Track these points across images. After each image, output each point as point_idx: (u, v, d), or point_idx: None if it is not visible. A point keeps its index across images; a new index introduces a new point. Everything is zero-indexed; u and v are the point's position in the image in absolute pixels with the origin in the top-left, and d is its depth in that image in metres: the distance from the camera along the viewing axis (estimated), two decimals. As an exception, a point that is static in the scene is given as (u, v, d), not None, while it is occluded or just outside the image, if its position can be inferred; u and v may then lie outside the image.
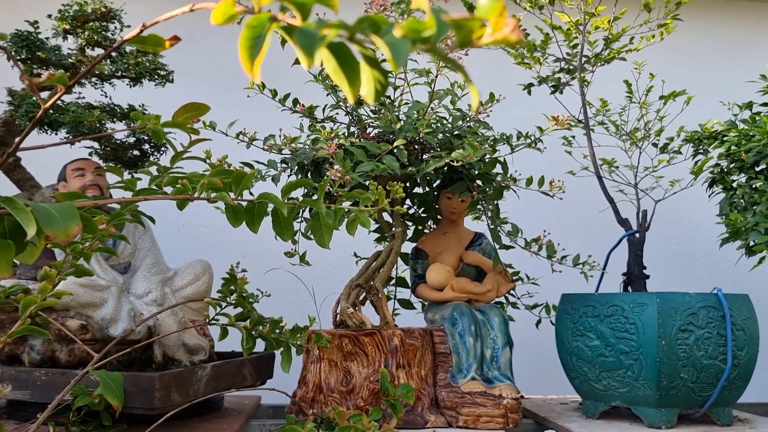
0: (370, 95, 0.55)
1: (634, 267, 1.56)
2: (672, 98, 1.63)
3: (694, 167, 1.67)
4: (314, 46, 0.48)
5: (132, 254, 1.48)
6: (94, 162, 1.48)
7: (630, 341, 1.35)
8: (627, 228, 1.61)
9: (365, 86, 0.55)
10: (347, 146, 1.33)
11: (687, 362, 1.32)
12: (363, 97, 0.56)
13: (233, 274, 1.59)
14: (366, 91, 0.55)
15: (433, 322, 1.55)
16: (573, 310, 1.47)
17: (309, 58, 0.46)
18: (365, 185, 1.34)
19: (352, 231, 1.21)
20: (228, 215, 1.07)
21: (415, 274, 1.62)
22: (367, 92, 0.55)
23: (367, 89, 0.55)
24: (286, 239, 1.09)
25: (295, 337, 1.30)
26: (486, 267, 1.57)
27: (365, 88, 0.55)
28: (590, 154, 1.68)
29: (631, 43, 1.77)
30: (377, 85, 0.55)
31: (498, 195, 1.45)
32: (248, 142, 1.40)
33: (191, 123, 0.90)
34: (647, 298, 1.35)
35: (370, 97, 0.55)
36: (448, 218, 1.61)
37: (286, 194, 1.11)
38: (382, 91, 0.55)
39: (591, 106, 1.73)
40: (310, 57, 0.46)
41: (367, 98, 0.55)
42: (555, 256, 1.43)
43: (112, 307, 1.30)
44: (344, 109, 1.44)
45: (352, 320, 1.47)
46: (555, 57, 1.77)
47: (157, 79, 1.61)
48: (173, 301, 1.40)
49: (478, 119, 1.40)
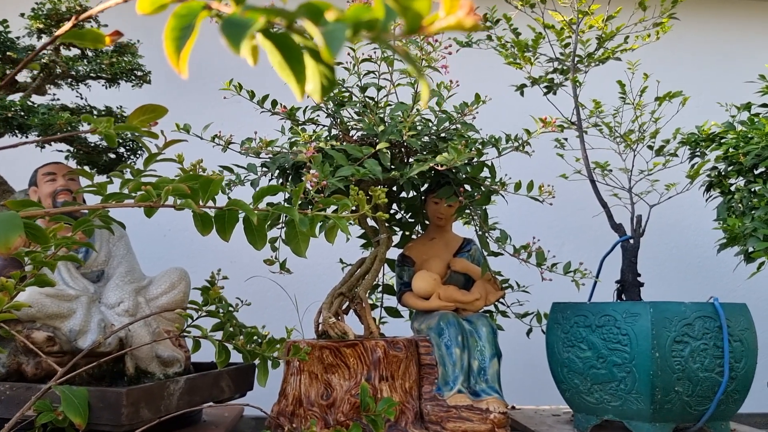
0: (316, 91, 0.50)
1: (628, 274, 1.50)
2: (668, 99, 1.57)
3: (690, 170, 1.61)
4: (240, 36, 0.42)
5: (105, 262, 1.42)
6: (66, 166, 1.42)
7: (623, 353, 1.30)
8: (621, 234, 1.55)
9: (310, 81, 0.50)
10: (327, 150, 1.27)
11: (682, 375, 1.27)
12: (309, 94, 0.51)
13: (213, 281, 1.54)
14: (312, 86, 0.50)
15: (420, 332, 1.49)
16: (564, 320, 1.41)
17: (234, 47, 0.41)
18: (346, 191, 1.28)
19: (331, 239, 1.16)
20: (196, 223, 1.02)
21: (401, 281, 1.56)
22: (313, 88, 0.50)
23: (313, 85, 0.50)
24: (259, 248, 1.03)
25: (272, 350, 1.24)
26: (474, 274, 1.52)
27: (311, 83, 0.50)
28: (583, 157, 1.62)
29: (625, 42, 1.71)
30: (323, 80, 0.50)
31: (486, 200, 1.39)
32: (224, 146, 1.35)
33: (149, 126, 0.84)
34: (641, 307, 1.30)
35: (316, 93, 0.50)
36: (436, 224, 1.55)
37: (257, 201, 1.06)
38: (330, 87, 0.49)
39: (584, 108, 1.67)
40: (235, 46, 0.41)
41: (313, 95, 0.50)
42: (545, 263, 1.37)
43: (80, 318, 1.25)
44: (325, 111, 1.39)
45: (334, 330, 1.41)
46: (548, 57, 1.72)
47: (134, 80, 1.55)
48: (147, 311, 1.35)
49: (464, 121, 1.34)
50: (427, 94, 0.45)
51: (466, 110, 1.30)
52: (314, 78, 0.50)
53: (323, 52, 0.41)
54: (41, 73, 1.53)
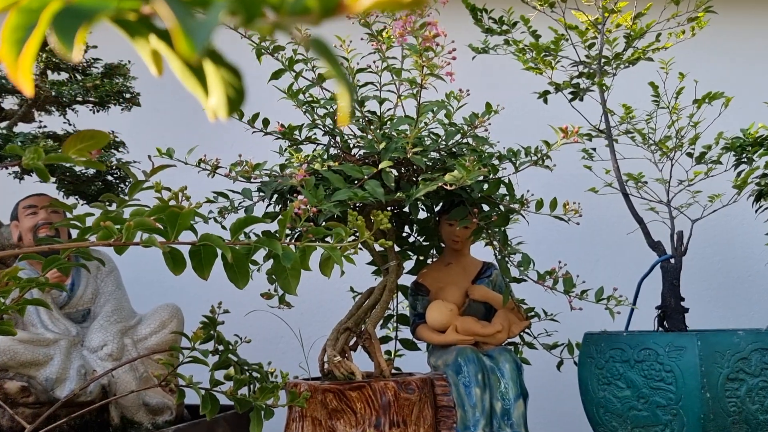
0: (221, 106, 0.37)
1: (670, 299, 1.33)
2: (707, 101, 1.41)
3: (736, 179, 1.44)
4: (73, 30, 0.30)
5: (92, 299, 1.31)
6: (48, 198, 1.33)
7: (667, 392, 1.13)
8: (660, 253, 1.39)
9: (213, 93, 0.37)
10: (322, 171, 1.14)
11: (738, 418, 1.09)
12: (213, 110, 0.38)
13: (213, 317, 1.42)
14: (215, 100, 0.37)
15: (436, 369, 1.35)
16: (598, 354, 1.25)
17: (64, 45, 0.29)
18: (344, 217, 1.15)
19: (326, 272, 1.03)
20: (166, 261, 0.90)
21: (415, 312, 1.42)
22: (216, 102, 0.37)
23: (217, 97, 0.37)
24: (241, 287, 0.91)
25: (266, 397, 1.11)
26: (496, 303, 1.37)
27: (213, 95, 0.37)
28: (614, 168, 1.47)
29: (657, 41, 1.55)
30: (229, 92, 0.37)
31: (503, 221, 1.24)
32: (211, 170, 1.23)
33: (90, 155, 0.73)
34: (686, 340, 1.13)
35: (221, 108, 0.37)
36: (452, 247, 1.41)
37: (235, 233, 0.94)
38: (238, 100, 0.36)
39: (613, 114, 1.51)
40: (66, 44, 0.29)
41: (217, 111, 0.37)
42: (574, 291, 1.21)
43: (58, 365, 1.14)
44: (322, 128, 1.26)
45: (340, 370, 1.27)
46: (572, 61, 1.57)
47: (122, 103, 1.46)
48: (134, 353, 1.23)
49: (475, 134, 1.20)
50: (346, 103, 0.32)
51: (476, 122, 1.16)
52: (217, 88, 0.37)
53: (179, 44, 0.28)
54: (27, 99, 1.44)
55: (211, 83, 0.36)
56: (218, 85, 0.36)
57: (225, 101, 0.36)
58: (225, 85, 0.36)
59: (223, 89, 0.36)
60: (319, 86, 1.28)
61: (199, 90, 0.37)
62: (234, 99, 0.36)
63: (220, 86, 0.36)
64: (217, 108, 0.37)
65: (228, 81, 0.35)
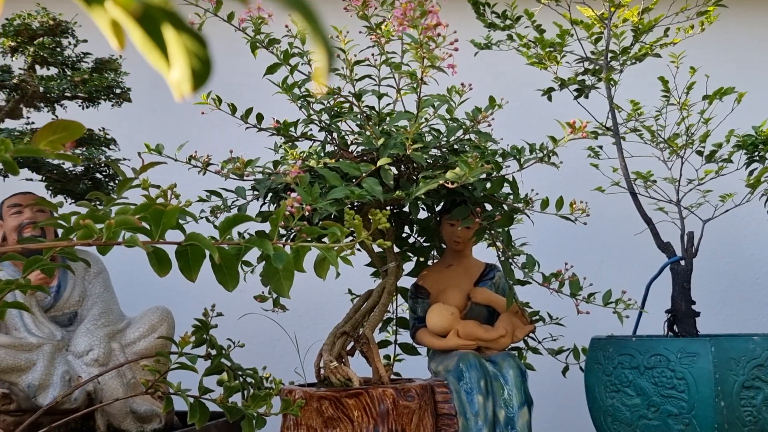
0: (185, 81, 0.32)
1: (681, 302, 1.28)
2: (718, 97, 1.36)
3: (749, 178, 1.39)
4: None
5: (79, 302, 1.26)
6: (34, 196, 1.28)
7: (679, 401, 1.08)
8: (670, 254, 1.33)
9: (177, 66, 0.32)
10: (318, 169, 1.09)
11: (754, 428, 1.04)
12: (176, 86, 0.33)
13: (205, 321, 1.37)
14: (179, 73, 0.32)
15: (437, 374, 1.30)
16: (606, 360, 1.20)
17: None
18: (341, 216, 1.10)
19: (321, 274, 0.98)
20: (151, 262, 0.85)
21: (415, 316, 1.36)
22: (180, 76, 0.32)
23: (180, 71, 0.32)
24: (230, 289, 0.87)
25: (258, 404, 1.06)
26: (499, 306, 1.31)
27: (177, 69, 0.32)
28: (621, 167, 1.41)
29: (666, 35, 1.50)
30: (194, 63, 0.32)
31: (507, 221, 1.19)
32: (202, 168, 1.18)
33: (65, 147, 0.68)
34: (699, 345, 1.08)
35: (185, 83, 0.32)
36: (453, 248, 1.36)
37: (224, 233, 0.89)
38: (204, 72, 0.31)
39: (620, 110, 1.46)
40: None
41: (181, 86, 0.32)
42: (580, 294, 1.16)
43: (41, 371, 1.09)
44: (318, 124, 1.21)
45: (337, 376, 1.22)
46: (578, 56, 1.51)
47: (112, 99, 1.41)
48: (121, 358, 1.18)
49: (478, 130, 1.15)
50: (323, 61, 0.27)
51: (479, 117, 1.11)
52: (179, 58, 0.32)
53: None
54: (14, 94, 1.39)
55: (172, 53, 0.31)
56: (180, 55, 0.31)
57: (189, 74, 0.31)
58: (188, 54, 0.31)
59: (186, 60, 0.31)
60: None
61: (162, 62, 0.32)
62: (199, 72, 0.31)
63: (183, 56, 0.31)
64: (180, 83, 0.31)
65: (191, 50, 0.30)
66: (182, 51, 0.31)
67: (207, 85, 0.31)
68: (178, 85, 0.32)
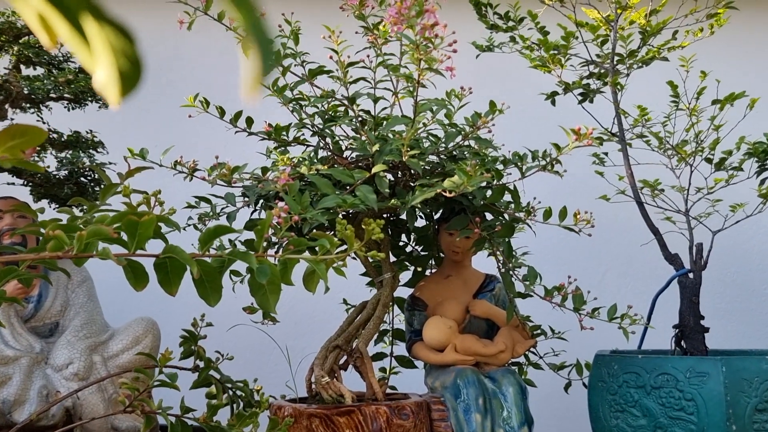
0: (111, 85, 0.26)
1: (689, 317, 1.23)
2: (730, 102, 1.30)
3: (761, 187, 1.33)
4: None
5: (61, 312, 1.21)
6: (14, 201, 1.23)
7: (688, 423, 1.02)
8: (677, 266, 1.28)
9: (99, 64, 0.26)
10: (309, 176, 1.04)
11: (768, 454, 0.98)
12: (100, 91, 0.28)
13: (193, 332, 1.32)
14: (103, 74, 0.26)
15: (433, 390, 1.24)
16: (610, 378, 1.14)
17: None
18: (332, 226, 1.05)
19: (311, 287, 0.93)
20: (127, 276, 0.80)
21: (411, 329, 1.31)
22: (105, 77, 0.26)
23: (105, 71, 0.26)
24: (212, 304, 0.82)
25: (244, 424, 1.01)
26: (499, 320, 1.26)
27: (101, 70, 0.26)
28: (627, 175, 1.36)
29: (674, 38, 1.44)
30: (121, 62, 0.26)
31: (508, 231, 1.14)
32: (188, 174, 1.13)
33: (24, 154, 0.62)
34: (710, 365, 1.02)
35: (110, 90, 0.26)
36: (451, 258, 1.30)
37: (204, 245, 0.84)
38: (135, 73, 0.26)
39: (627, 116, 1.41)
40: None
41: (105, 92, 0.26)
42: (584, 308, 1.11)
43: (17, 386, 1.04)
44: (311, 128, 1.16)
45: (328, 392, 1.17)
46: (583, 60, 1.46)
47: (99, 100, 1.36)
48: (103, 372, 1.13)
49: (478, 136, 1.09)
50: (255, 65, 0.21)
51: (479, 122, 1.06)
52: (103, 57, 0.27)
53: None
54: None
55: (96, 51, 0.26)
56: (104, 52, 0.25)
57: (115, 76, 0.26)
58: (113, 53, 0.25)
59: (111, 59, 0.25)
60: (309, 83, 1.18)
61: (88, 61, 0.27)
62: (127, 74, 0.26)
63: (107, 54, 0.25)
64: (105, 85, 0.26)
65: (117, 47, 0.25)
66: (106, 47, 0.25)
67: (136, 91, 0.26)
68: (103, 89, 0.26)
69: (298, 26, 1.19)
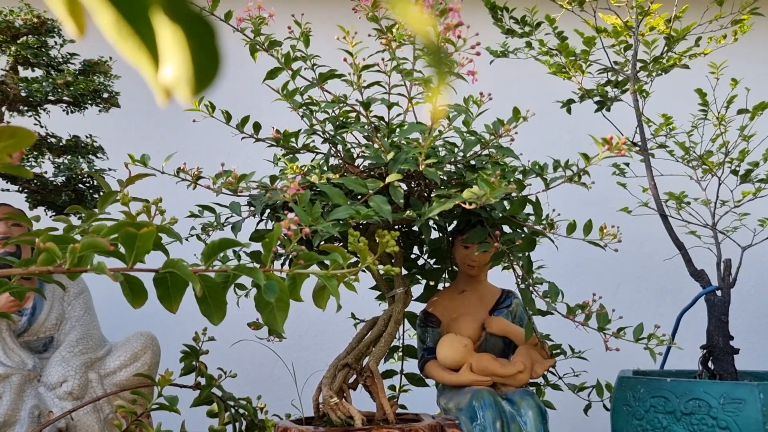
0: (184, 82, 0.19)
1: (717, 337, 1.16)
2: (760, 111, 1.24)
3: (790, 201, 1.27)
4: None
5: (56, 326, 1.15)
6: (9, 208, 1.17)
7: (722, 453, 0.96)
8: (704, 283, 1.22)
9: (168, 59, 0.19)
10: (320, 185, 0.98)
11: (809, 487, 0.92)
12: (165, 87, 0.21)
13: (195, 347, 1.26)
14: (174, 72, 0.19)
15: (447, 412, 1.18)
16: (636, 402, 1.08)
17: None
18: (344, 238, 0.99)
19: (321, 304, 0.88)
20: (124, 291, 0.75)
21: (424, 346, 1.25)
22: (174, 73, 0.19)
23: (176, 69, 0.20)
24: (216, 322, 0.76)
25: (248, 449, 0.95)
26: (516, 338, 1.20)
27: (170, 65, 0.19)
28: (651, 186, 1.30)
29: (697, 45, 1.39)
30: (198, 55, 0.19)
31: (529, 245, 1.08)
32: (192, 182, 1.07)
33: (11, 158, 0.57)
34: (746, 391, 0.96)
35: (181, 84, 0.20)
36: (466, 272, 1.24)
37: (208, 259, 0.78)
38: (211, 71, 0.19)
39: (650, 124, 1.35)
40: None
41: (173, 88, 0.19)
42: (609, 328, 1.04)
43: (7, 405, 0.98)
44: (322, 135, 1.10)
45: (337, 414, 1.11)
46: (601, 66, 1.40)
47: (99, 103, 1.30)
48: (99, 391, 1.07)
49: (499, 145, 1.04)
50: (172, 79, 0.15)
51: (501, 130, 1.00)
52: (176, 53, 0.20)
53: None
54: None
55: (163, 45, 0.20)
56: (175, 46, 0.19)
57: (190, 71, 0.20)
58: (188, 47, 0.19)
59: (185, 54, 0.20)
60: (320, 87, 1.12)
61: (143, 55, 0.21)
62: (205, 68, 0.20)
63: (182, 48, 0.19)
64: (173, 84, 0.20)
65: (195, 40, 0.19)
66: (179, 41, 0.19)
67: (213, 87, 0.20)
68: (171, 87, 0.20)
69: (309, 28, 1.14)
